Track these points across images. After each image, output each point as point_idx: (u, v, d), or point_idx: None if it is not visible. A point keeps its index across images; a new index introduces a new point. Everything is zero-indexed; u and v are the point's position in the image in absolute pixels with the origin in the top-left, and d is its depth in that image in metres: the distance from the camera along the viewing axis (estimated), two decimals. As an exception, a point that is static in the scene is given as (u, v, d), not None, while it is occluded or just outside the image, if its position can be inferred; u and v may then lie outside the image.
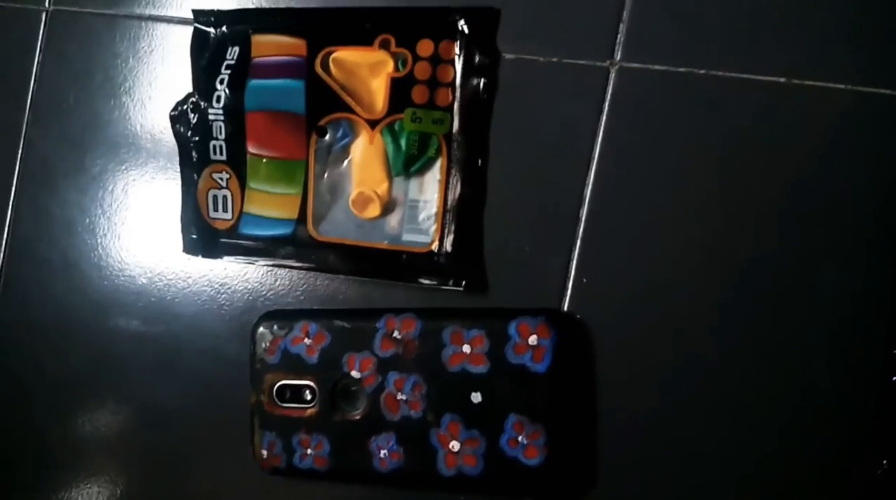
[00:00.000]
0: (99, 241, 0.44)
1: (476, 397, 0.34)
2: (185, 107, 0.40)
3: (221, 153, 0.39)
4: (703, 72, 0.34)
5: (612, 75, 0.35)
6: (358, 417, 0.36)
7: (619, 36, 0.35)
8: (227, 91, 0.39)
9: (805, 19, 0.32)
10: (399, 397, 0.35)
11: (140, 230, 0.43)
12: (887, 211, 0.32)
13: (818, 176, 0.33)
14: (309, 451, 0.36)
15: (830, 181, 0.32)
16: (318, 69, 0.38)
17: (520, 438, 0.33)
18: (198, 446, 0.41)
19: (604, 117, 0.35)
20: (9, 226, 0.45)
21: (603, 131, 0.35)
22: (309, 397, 0.36)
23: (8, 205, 0.45)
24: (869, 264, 0.32)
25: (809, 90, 0.32)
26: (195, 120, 0.40)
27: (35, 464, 0.44)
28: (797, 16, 0.33)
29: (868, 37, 0.32)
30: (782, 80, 0.33)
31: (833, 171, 0.32)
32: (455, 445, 0.34)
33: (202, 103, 0.39)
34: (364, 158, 0.38)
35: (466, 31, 0.36)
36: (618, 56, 0.35)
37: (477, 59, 0.36)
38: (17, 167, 0.45)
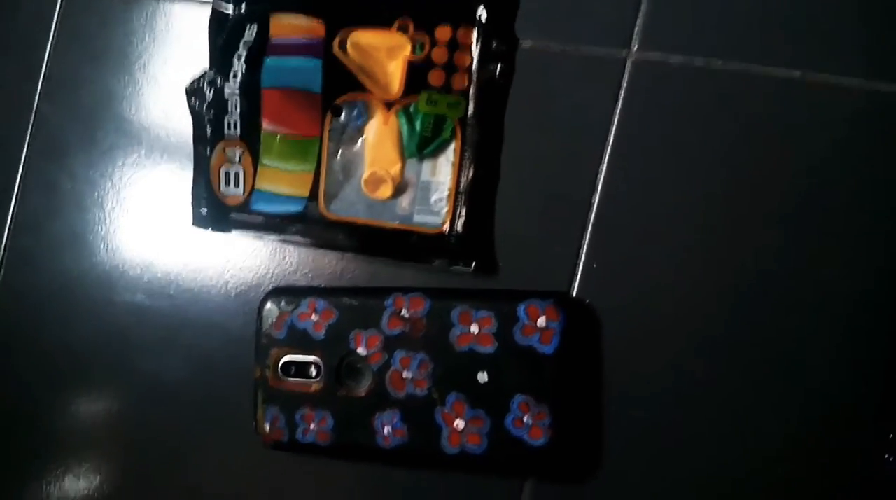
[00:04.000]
0: (107, 215, 0.44)
1: (482, 377, 0.34)
2: (201, 82, 0.40)
3: (236, 129, 0.39)
4: (719, 63, 0.34)
5: (629, 65, 0.35)
6: (363, 394, 0.36)
7: (636, 27, 0.35)
8: (244, 68, 0.39)
9: (823, 14, 0.33)
10: (405, 375, 0.35)
11: (148, 205, 0.43)
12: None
13: (828, 172, 0.33)
14: (312, 426, 0.36)
15: (840, 178, 0.33)
16: (336, 49, 0.38)
17: (525, 418, 0.33)
18: (200, 419, 0.41)
19: (619, 107, 0.35)
20: (16, 198, 0.45)
21: (617, 121, 0.35)
22: (314, 373, 0.36)
23: (16, 177, 0.45)
24: (874, 263, 0.33)
25: (825, 85, 0.33)
26: (211, 95, 0.40)
27: (34, 436, 0.44)
28: (815, 10, 0.33)
29: (884, 34, 0.32)
30: (797, 74, 0.33)
31: (843, 168, 0.33)
32: (460, 423, 0.34)
33: (219, 79, 0.40)
34: (378, 139, 0.38)
35: (485, 17, 0.37)
36: (635, 46, 0.35)
37: (494, 45, 0.37)
38: (27, 140, 0.45)
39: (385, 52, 0.38)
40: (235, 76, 0.39)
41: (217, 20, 0.41)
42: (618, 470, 0.35)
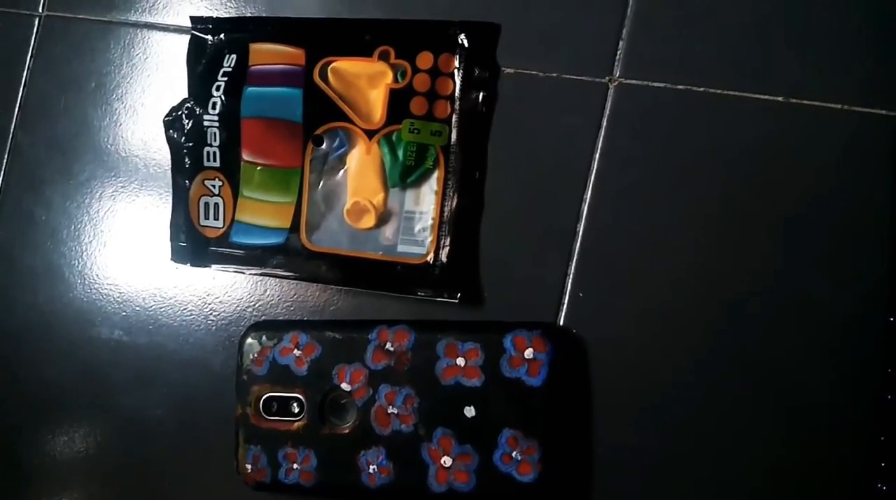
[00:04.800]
0: (84, 248, 0.43)
1: (469, 412, 0.33)
2: (179, 112, 0.39)
3: (215, 160, 0.39)
4: (701, 90, 0.34)
5: (611, 91, 0.35)
6: (347, 431, 0.35)
7: (618, 52, 0.35)
8: (223, 98, 0.38)
9: (803, 40, 0.33)
10: (390, 410, 0.34)
11: (127, 238, 0.42)
12: (881, 230, 0.32)
13: (815, 194, 0.33)
14: (295, 465, 0.35)
15: (826, 199, 0.33)
16: (317, 78, 0.37)
17: (514, 453, 0.33)
18: (179, 459, 0.40)
19: (602, 133, 0.35)
20: (-9, 231, 0.44)
21: (601, 147, 0.35)
22: (297, 410, 0.35)
23: (-9, 209, 0.44)
24: (864, 282, 0.32)
25: (807, 110, 0.33)
26: (189, 126, 0.39)
27: (10, 476, 0.43)
28: (796, 36, 0.33)
29: (864, 58, 0.32)
30: (780, 99, 0.33)
31: (829, 189, 0.33)
32: (447, 460, 0.33)
33: (197, 109, 0.39)
34: (360, 168, 0.37)
35: (466, 44, 0.36)
36: (617, 72, 0.35)
37: (476, 72, 0.36)
38: (2, 171, 0.44)
39: (366, 81, 0.37)
40: (214, 106, 0.39)
41: (196, 49, 0.40)
42: (609, 505, 0.34)
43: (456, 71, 0.36)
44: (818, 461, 0.32)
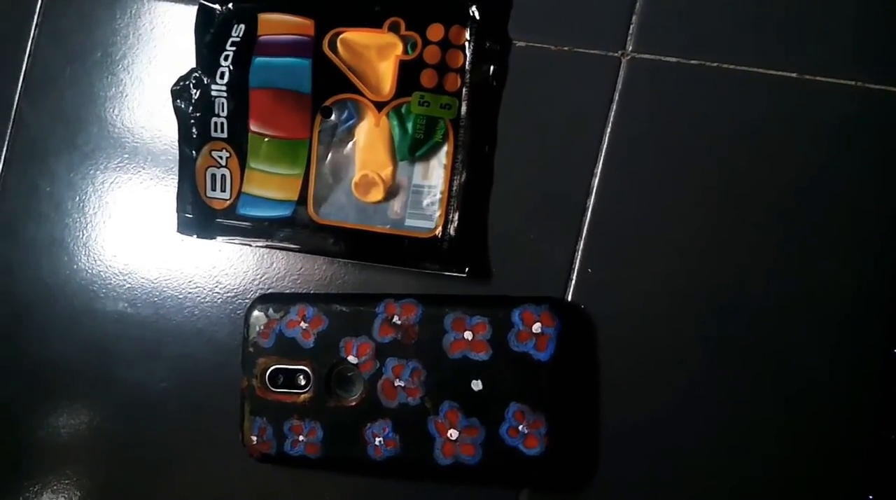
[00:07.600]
0: (89, 220, 0.42)
1: (477, 385, 0.33)
2: (187, 82, 0.39)
3: (222, 131, 0.38)
4: (714, 65, 0.34)
5: (624, 66, 0.35)
6: (353, 403, 0.35)
7: (631, 27, 0.35)
8: (231, 68, 0.38)
9: (818, 16, 0.33)
10: (397, 383, 0.34)
11: (132, 210, 0.42)
12: (891, 208, 0.32)
13: (825, 171, 0.33)
14: (301, 438, 0.35)
15: (836, 177, 0.32)
16: (326, 49, 0.37)
17: (520, 427, 0.33)
18: (185, 431, 0.39)
19: (614, 108, 0.35)
20: (-6, 202, 0.44)
21: (612, 122, 0.35)
22: (303, 383, 0.35)
23: (-5, 180, 0.44)
24: (871, 260, 0.32)
25: (820, 86, 0.33)
26: (197, 96, 0.39)
27: (13, 450, 0.42)
28: (810, 12, 0.33)
29: (879, 35, 0.32)
30: (794, 75, 0.33)
31: (840, 167, 0.32)
32: (453, 433, 0.33)
33: (205, 79, 0.38)
34: (369, 141, 0.37)
35: (478, 16, 0.36)
36: (630, 47, 0.35)
37: (487, 45, 0.36)
38: (6, 142, 0.44)
39: (376, 52, 0.37)
40: (222, 76, 0.38)
41: (204, 18, 0.40)
42: (614, 479, 0.34)
43: (467, 43, 0.36)
44: (827, 436, 0.32)
